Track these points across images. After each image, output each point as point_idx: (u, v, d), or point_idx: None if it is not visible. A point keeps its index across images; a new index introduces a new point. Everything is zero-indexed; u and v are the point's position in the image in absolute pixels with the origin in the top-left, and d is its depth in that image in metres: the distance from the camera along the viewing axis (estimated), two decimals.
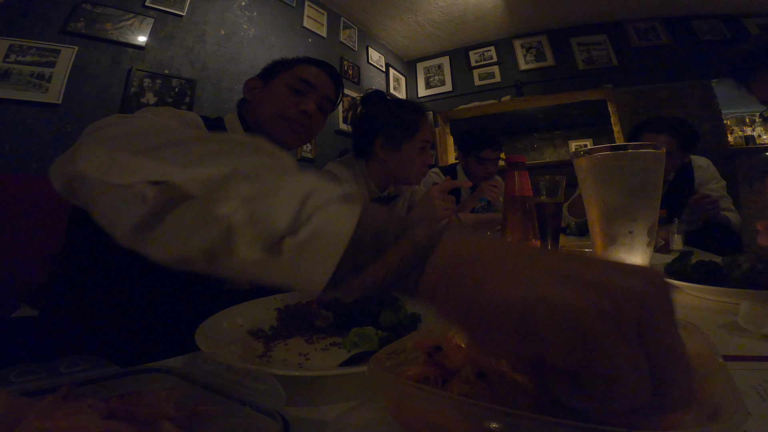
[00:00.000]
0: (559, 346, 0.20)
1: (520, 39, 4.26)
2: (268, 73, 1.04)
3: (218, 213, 0.27)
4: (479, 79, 4.39)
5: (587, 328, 0.20)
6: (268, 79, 1.02)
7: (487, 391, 0.27)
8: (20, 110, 1.77)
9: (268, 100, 0.98)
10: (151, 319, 0.66)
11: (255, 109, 1.00)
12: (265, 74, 1.04)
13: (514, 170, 0.77)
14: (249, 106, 1.02)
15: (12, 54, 1.77)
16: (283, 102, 0.96)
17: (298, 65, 1.02)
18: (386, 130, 1.27)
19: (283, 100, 0.97)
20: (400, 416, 0.31)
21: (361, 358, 0.47)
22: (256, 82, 1.03)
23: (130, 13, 2.20)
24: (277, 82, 1.00)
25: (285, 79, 1.00)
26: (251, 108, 1.01)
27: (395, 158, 1.28)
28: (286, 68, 1.02)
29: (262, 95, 1.00)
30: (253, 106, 1.01)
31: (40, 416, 0.27)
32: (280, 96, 0.97)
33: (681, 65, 3.63)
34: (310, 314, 0.64)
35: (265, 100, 0.98)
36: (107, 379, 0.39)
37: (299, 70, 1.01)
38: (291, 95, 0.98)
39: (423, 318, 0.61)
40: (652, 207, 0.57)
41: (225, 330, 0.56)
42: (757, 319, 0.52)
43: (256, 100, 1.01)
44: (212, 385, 0.37)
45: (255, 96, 1.01)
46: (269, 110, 0.96)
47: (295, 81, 0.99)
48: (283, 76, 1.00)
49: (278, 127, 0.96)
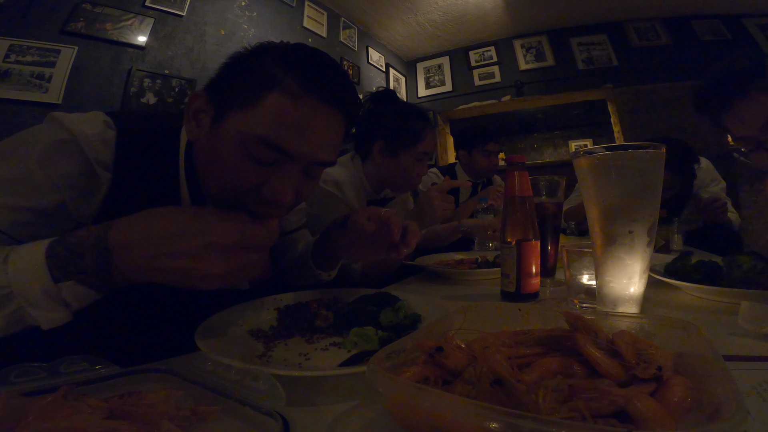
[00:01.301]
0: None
1: (520, 39, 4.25)
2: (219, 96, 0.57)
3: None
4: (479, 79, 4.39)
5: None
6: (217, 110, 0.56)
7: (504, 398, 0.26)
8: (20, 110, 1.76)
9: (214, 157, 0.55)
10: (151, 319, 0.66)
11: (198, 159, 0.61)
12: (215, 94, 0.57)
13: (514, 170, 0.77)
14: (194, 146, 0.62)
15: (12, 54, 1.77)
16: (236, 179, 0.54)
17: (270, 93, 0.52)
18: (387, 135, 1.23)
19: (235, 176, 0.54)
20: (400, 416, 0.31)
21: (361, 358, 0.47)
22: (203, 104, 0.58)
23: (130, 13, 2.20)
24: (229, 133, 0.53)
25: (241, 130, 0.52)
26: (195, 151, 0.62)
27: (390, 165, 1.25)
28: (245, 100, 0.53)
29: (207, 140, 0.57)
30: (196, 152, 0.61)
31: (40, 416, 0.27)
32: (232, 166, 0.53)
33: (681, 65, 3.63)
34: (310, 314, 0.64)
35: (210, 155, 0.56)
36: (107, 379, 0.39)
37: (268, 111, 0.52)
38: (250, 166, 0.53)
39: (423, 318, 0.61)
40: (652, 207, 0.57)
41: (225, 330, 0.56)
42: (757, 319, 0.52)
43: (200, 140, 0.58)
44: (212, 385, 0.37)
45: (199, 131, 0.58)
46: (216, 177, 0.56)
47: (254, 145, 0.52)
48: (239, 122, 0.53)
49: (229, 207, 0.54)
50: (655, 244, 0.84)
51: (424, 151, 1.25)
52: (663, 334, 0.38)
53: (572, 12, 3.81)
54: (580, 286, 0.70)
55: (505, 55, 4.31)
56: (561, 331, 0.37)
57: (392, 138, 1.23)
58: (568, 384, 0.28)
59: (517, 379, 0.27)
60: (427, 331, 0.41)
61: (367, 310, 0.60)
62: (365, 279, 1.05)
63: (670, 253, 1.21)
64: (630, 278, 0.57)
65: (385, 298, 0.64)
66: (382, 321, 0.57)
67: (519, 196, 0.76)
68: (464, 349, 0.35)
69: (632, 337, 0.36)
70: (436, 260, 1.22)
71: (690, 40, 3.68)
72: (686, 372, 0.32)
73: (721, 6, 3.55)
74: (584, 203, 0.62)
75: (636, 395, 0.26)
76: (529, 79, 4.17)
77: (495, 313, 0.47)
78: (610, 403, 0.25)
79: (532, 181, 0.80)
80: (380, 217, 0.66)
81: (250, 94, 0.52)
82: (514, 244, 0.73)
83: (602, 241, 0.59)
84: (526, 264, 0.72)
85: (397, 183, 1.29)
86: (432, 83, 4.64)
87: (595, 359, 0.32)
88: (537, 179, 0.87)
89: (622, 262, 0.57)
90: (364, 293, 0.68)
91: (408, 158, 1.23)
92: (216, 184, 0.56)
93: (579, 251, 0.69)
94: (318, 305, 0.67)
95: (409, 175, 1.25)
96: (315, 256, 0.84)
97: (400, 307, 0.61)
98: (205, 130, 0.57)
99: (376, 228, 0.66)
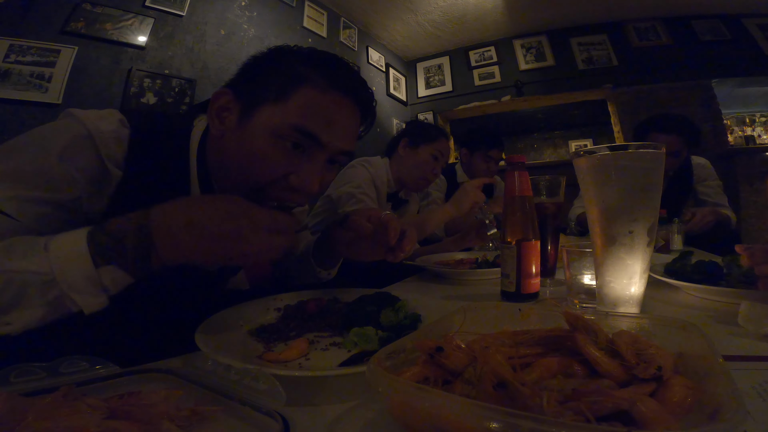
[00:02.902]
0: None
1: (520, 39, 4.25)
2: (246, 90, 0.60)
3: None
4: (479, 79, 4.39)
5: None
6: (246, 104, 0.59)
7: (507, 401, 0.26)
8: (20, 110, 1.77)
9: (244, 152, 0.58)
10: (151, 319, 0.66)
11: (223, 150, 0.62)
12: (242, 90, 0.60)
13: (514, 170, 0.77)
14: (215, 141, 0.63)
15: (12, 54, 1.77)
16: (268, 168, 0.57)
17: (301, 88, 0.57)
18: (412, 132, 1.58)
19: (267, 166, 0.57)
20: (400, 416, 0.31)
21: (361, 358, 0.47)
22: (228, 101, 0.60)
23: (130, 13, 2.20)
24: (261, 126, 0.57)
25: (274, 121, 0.56)
26: (217, 146, 0.63)
27: (411, 156, 1.53)
28: (278, 93, 0.57)
29: (234, 135, 0.59)
30: (222, 147, 0.62)
31: (40, 416, 0.27)
32: (265, 157, 0.57)
33: (681, 65, 3.63)
34: (309, 314, 0.64)
35: (238, 149, 0.59)
36: (107, 379, 0.40)
37: (300, 104, 0.57)
38: (282, 153, 0.57)
39: (423, 318, 0.61)
40: (652, 207, 0.57)
41: (225, 330, 0.56)
42: (757, 319, 0.52)
43: (225, 135, 0.61)
44: (212, 385, 0.37)
45: (225, 127, 0.60)
46: (245, 171, 0.58)
47: (289, 131, 0.56)
48: (272, 114, 0.57)
49: (254, 198, 0.56)
50: (655, 244, 0.84)
51: (440, 150, 1.53)
52: (663, 334, 0.38)
53: (572, 12, 3.81)
54: (580, 286, 0.70)
55: (505, 55, 4.31)
56: (561, 331, 0.37)
57: (415, 132, 1.56)
58: (571, 388, 0.28)
59: (521, 382, 0.27)
60: (427, 331, 0.41)
61: (367, 310, 0.60)
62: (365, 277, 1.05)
63: (670, 253, 1.21)
64: (630, 278, 0.58)
65: (385, 298, 0.64)
66: (382, 321, 0.57)
67: (519, 196, 0.76)
68: (464, 349, 0.35)
69: (632, 337, 0.36)
70: (436, 260, 1.23)
71: (690, 40, 3.68)
72: (686, 372, 0.32)
73: (721, 6, 3.55)
74: (584, 203, 0.62)
75: (639, 398, 0.26)
76: (529, 79, 4.17)
77: (495, 313, 0.47)
78: (613, 405, 0.25)
79: (532, 181, 0.80)
80: (380, 220, 0.67)
81: (281, 89, 0.57)
82: (514, 244, 0.73)
83: (602, 241, 0.59)
84: (526, 264, 0.72)
85: (412, 175, 1.54)
86: (432, 83, 4.64)
87: (595, 359, 0.32)
88: (537, 179, 0.87)
89: (622, 262, 0.57)
90: (364, 293, 0.68)
91: (426, 152, 1.52)
92: (245, 175, 0.59)
93: (579, 251, 0.69)
94: (317, 305, 0.67)
95: (424, 168, 1.52)
96: (316, 254, 0.84)
97: (400, 307, 0.61)
98: (231, 125, 0.60)
99: (375, 229, 0.67)
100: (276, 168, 0.57)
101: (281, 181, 0.58)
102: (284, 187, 0.58)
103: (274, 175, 0.57)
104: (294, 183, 0.58)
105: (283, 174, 0.57)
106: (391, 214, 0.68)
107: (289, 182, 0.58)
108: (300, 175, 0.58)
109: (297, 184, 0.58)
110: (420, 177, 1.54)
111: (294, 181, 0.58)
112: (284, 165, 0.57)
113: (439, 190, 2.09)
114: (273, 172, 0.57)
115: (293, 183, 0.58)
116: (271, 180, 0.58)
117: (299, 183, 0.58)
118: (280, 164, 0.57)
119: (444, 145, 1.56)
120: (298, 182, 0.58)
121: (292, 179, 0.58)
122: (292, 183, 0.58)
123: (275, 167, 0.57)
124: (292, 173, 0.58)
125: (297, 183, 0.58)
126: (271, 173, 0.57)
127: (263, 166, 0.57)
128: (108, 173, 0.57)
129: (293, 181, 0.58)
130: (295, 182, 0.58)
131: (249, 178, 0.58)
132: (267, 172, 0.57)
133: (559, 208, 0.90)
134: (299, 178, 0.58)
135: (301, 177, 0.58)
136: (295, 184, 0.58)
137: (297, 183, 0.58)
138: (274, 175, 0.57)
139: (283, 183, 0.58)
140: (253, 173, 0.58)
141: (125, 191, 0.59)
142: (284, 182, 0.58)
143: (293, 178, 0.58)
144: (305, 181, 0.58)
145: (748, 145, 3.90)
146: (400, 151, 1.55)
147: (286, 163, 0.57)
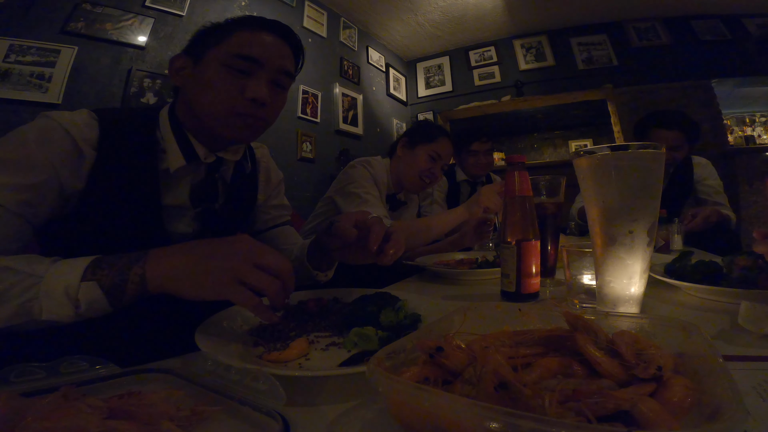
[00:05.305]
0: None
1: (520, 39, 4.25)
2: (196, 48, 0.76)
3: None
4: (479, 79, 4.39)
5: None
6: (197, 55, 0.74)
7: (509, 402, 0.26)
8: (20, 110, 1.76)
9: (202, 88, 0.72)
10: (151, 319, 0.66)
11: (189, 100, 0.75)
12: (193, 49, 0.76)
13: (514, 170, 0.77)
14: (181, 95, 0.77)
15: (12, 54, 1.77)
16: (223, 91, 0.71)
17: (236, 33, 0.74)
18: (412, 131, 1.57)
19: (222, 89, 0.71)
20: (400, 416, 0.31)
21: (361, 358, 0.47)
22: (184, 61, 0.76)
23: (130, 13, 2.20)
24: (211, 62, 0.72)
25: (220, 56, 0.72)
26: (183, 97, 0.77)
27: (408, 156, 1.52)
28: (219, 39, 0.74)
29: (193, 81, 0.74)
30: (186, 96, 0.76)
31: (40, 416, 0.27)
32: (218, 82, 0.71)
33: (681, 65, 3.63)
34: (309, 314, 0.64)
35: (198, 88, 0.73)
36: (107, 379, 0.40)
37: (237, 41, 0.73)
38: (232, 78, 0.71)
39: (423, 318, 0.61)
40: (652, 207, 0.57)
41: (225, 330, 0.56)
42: (757, 319, 0.52)
43: (187, 87, 0.75)
44: (212, 385, 0.37)
45: (185, 81, 0.76)
46: (207, 103, 0.71)
47: (233, 59, 0.71)
48: (218, 52, 0.72)
49: (223, 125, 0.72)
50: (655, 244, 0.84)
51: (437, 151, 1.50)
52: (663, 334, 0.38)
53: (572, 12, 3.81)
54: (580, 286, 0.70)
55: (505, 55, 4.31)
56: (561, 331, 0.37)
57: (414, 132, 1.56)
58: (572, 389, 0.28)
59: (523, 383, 0.27)
60: (427, 331, 0.41)
61: (367, 310, 0.60)
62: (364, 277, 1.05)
63: (670, 253, 1.21)
64: (630, 278, 0.57)
65: (385, 298, 0.64)
66: (382, 321, 0.57)
67: (519, 196, 0.76)
68: (464, 349, 0.35)
69: (632, 337, 0.36)
70: (436, 260, 1.23)
71: (690, 40, 3.69)
72: (686, 372, 0.32)
73: (721, 6, 3.55)
74: (584, 203, 0.62)
75: (640, 398, 0.26)
76: (529, 79, 4.17)
77: (495, 313, 0.47)
78: (614, 405, 0.25)
79: (532, 181, 0.80)
80: (365, 223, 0.67)
81: (222, 34, 0.74)
82: (514, 244, 0.73)
83: (602, 241, 0.59)
84: (526, 264, 0.72)
85: (409, 174, 1.51)
86: (432, 83, 4.64)
87: (595, 359, 0.32)
88: (537, 179, 0.87)
89: (622, 262, 0.57)
90: (364, 293, 0.68)
91: (423, 152, 1.49)
92: (208, 105, 0.71)
93: (579, 251, 0.69)
94: (317, 305, 0.67)
95: (420, 168, 1.48)
96: (311, 258, 0.84)
97: (400, 307, 0.61)
98: (188, 75, 0.75)
99: (360, 234, 0.66)
100: (230, 91, 0.71)
101: (240, 102, 0.71)
102: (246, 105, 0.71)
103: (231, 99, 0.71)
104: (248, 93, 0.71)
105: (239, 93, 0.71)
106: (377, 218, 0.68)
107: (244, 95, 0.71)
108: (251, 87, 0.71)
109: (250, 93, 0.71)
110: (416, 177, 1.50)
111: (248, 92, 0.71)
112: (237, 87, 0.71)
113: (440, 190, 2.09)
114: (229, 95, 0.71)
115: (247, 94, 0.71)
116: (231, 105, 0.71)
117: (252, 92, 0.71)
118: (234, 87, 0.71)
119: (444, 146, 1.52)
120: (251, 92, 0.71)
121: (246, 92, 0.71)
122: (247, 94, 0.71)
123: (229, 90, 0.71)
124: (246, 89, 0.71)
125: (250, 93, 0.71)
126: (228, 96, 0.71)
127: (220, 92, 0.70)
128: (83, 154, 0.65)
129: (247, 92, 0.71)
130: (249, 92, 0.71)
131: (212, 108, 0.71)
132: (224, 96, 0.70)
133: (559, 208, 0.90)
134: (251, 90, 0.71)
135: (252, 88, 0.71)
136: (249, 95, 0.71)
137: (250, 93, 0.71)
138: (231, 99, 0.71)
139: (242, 102, 0.71)
140: (215, 102, 0.71)
141: (102, 169, 0.67)
142: (242, 101, 0.71)
143: (247, 90, 0.71)
144: (256, 91, 0.71)
145: (748, 145, 3.90)
146: (399, 152, 1.54)
147: (237, 86, 0.71)
